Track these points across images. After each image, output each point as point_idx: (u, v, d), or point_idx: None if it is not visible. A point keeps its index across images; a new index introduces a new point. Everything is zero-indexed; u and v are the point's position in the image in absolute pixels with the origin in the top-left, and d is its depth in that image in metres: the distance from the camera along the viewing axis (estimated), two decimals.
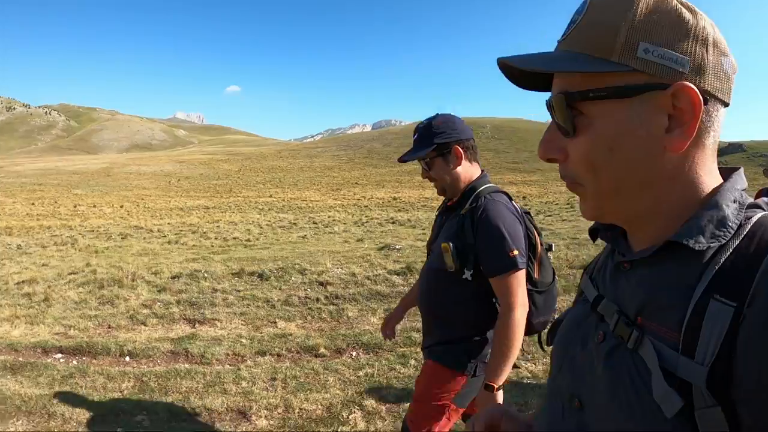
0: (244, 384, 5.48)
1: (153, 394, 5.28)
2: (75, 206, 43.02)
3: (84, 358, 6.27)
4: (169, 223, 26.47)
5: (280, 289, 8.99)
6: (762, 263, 0.75)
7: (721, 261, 0.80)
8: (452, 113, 2.77)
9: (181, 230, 22.40)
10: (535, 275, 2.62)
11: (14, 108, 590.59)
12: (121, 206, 43.22)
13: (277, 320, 7.67)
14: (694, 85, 0.81)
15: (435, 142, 2.63)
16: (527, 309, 2.47)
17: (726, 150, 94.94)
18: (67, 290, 9.14)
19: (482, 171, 2.82)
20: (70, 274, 10.42)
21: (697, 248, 0.82)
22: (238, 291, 8.92)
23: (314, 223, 25.47)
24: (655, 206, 0.90)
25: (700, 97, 0.80)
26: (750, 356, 0.71)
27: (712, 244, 0.82)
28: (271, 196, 56.76)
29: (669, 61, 0.81)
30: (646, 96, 0.82)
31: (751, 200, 0.89)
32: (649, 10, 0.82)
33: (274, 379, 5.62)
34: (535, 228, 2.71)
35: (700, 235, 0.83)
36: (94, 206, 43.26)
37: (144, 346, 6.52)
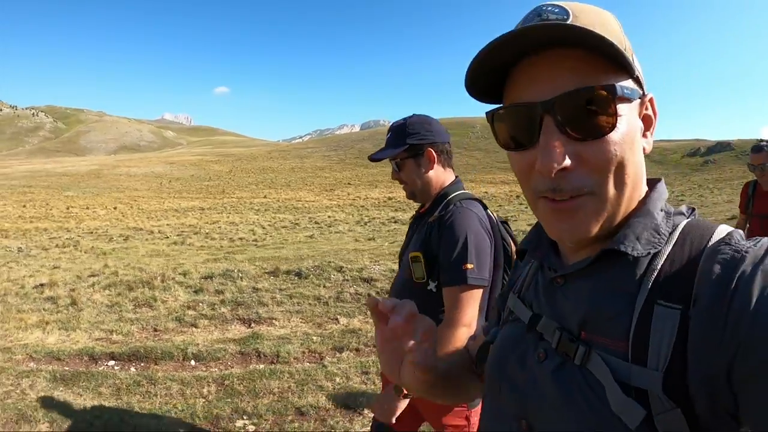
0: (338, 380, 5.39)
1: (243, 397, 5.11)
2: (68, 208, 42.68)
3: (142, 364, 6.01)
4: (167, 225, 26.34)
5: (324, 286, 8.88)
6: (698, 266, 0.80)
7: (658, 267, 0.84)
8: (429, 115, 2.64)
9: (182, 231, 22.27)
10: None
11: (1, 109, 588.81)
12: (115, 208, 42.89)
13: (338, 317, 7.58)
14: None
15: (408, 143, 2.51)
16: (471, 331, 2.21)
17: (714, 149, 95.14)
18: (93, 293, 8.89)
19: (456, 177, 2.67)
20: (91, 276, 10.21)
21: (635, 254, 0.85)
22: (281, 290, 8.79)
23: (316, 223, 25.42)
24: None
25: None
26: (704, 352, 0.73)
27: (650, 251, 0.85)
28: (265, 197, 56.44)
29: (639, 72, 0.88)
30: (637, 101, 0.88)
31: (673, 209, 0.94)
32: (620, 26, 0.89)
33: (367, 373, 5.54)
34: (512, 237, 2.59)
35: (637, 243, 0.86)
36: (87, 208, 42.93)
37: (207, 348, 6.32)
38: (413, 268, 2.37)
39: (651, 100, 0.92)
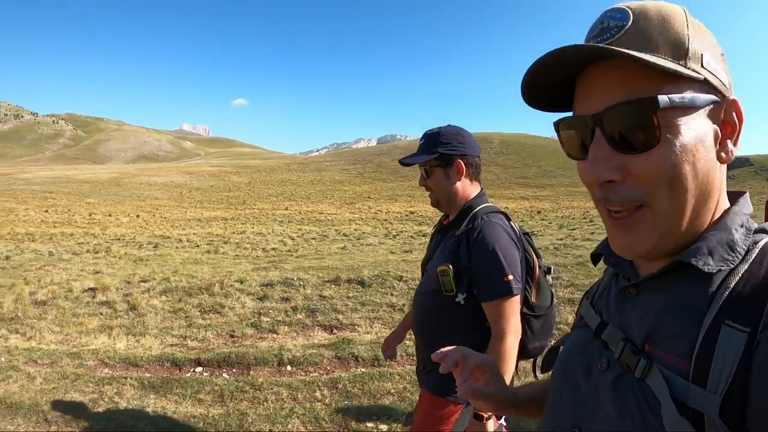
0: None
1: (361, 399, 5.04)
2: (90, 214, 42.87)
3: (234, 371, 5.81)
4: (194, 233, 26.20)
5: (391, 294, 8.80)
6: None
7: (731, 285, 0.78)
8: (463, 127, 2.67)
9: (211, 240, 22.13)
10: (533, 299, 2.51)
11: (22, 116, 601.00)
12: (138, 216, 42.99)
13: None
14: None
15: (439, 151, 2.52)
16: (519, 336, 2.34)
17: (732, 164, 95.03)
18: (150, 299, 8.75)
19: (481, 190, 2.67)
20: (142, 282, 10.16)
21: (706, 270, 0.80)
22: (348, 297, 8.70)
23: (344, 235, 25.15)
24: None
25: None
26: (766, 382, 0.69)
27: (721, 268, 0.80)
28: (286, 209, 56.46)
29: (720, 74, 0.83)
30: (708, 108, 0.82)
31: (756, 225, 0.87)
32: (696, 26, 0.83)
33: None
34: (534, 250, 2.58)
35: (710, 257, 0.81)
36: (110, 215, 43.10)
37: (300, 353, 6.14)
38: (442, 282, 2.37)
39: (733, 104, 0.84)
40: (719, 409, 0.71)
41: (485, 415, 2.11)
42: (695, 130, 0.80)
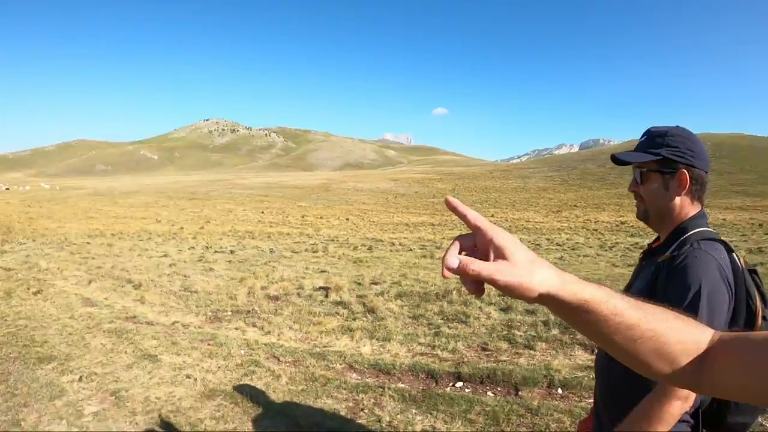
0: None
1: None
2: (302, 216, 44.63)
3: (499, 389, 5.15)
4: (405, 237, 26.12)
5: None
6: None
7: None
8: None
9: (423, 245, 21.76)
10: None
11: (237, 130, 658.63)
12: (347, 219, 44.16)
13: None
14: None
15: (662, 154, 1.97)
16: (686, 406, 1.68)
17: None
18: (385, 302, 8.47)
19: (701, 210, 2.05)
20: (373, 284, 10.10)
21: None
22: None
23: (558, 245, 23.88)
24: None
25: None
26: None
27: None
28: (492, 216, 55.51)
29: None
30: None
31: None
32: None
33: None
34: (761, 292, 1.88)
35: None
36: (321, 217, 44.60)
37: (569, 375, 5.33)
38: None
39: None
40: None
41: None
42: None
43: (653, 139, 2.04)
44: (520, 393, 4.95)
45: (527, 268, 0.81)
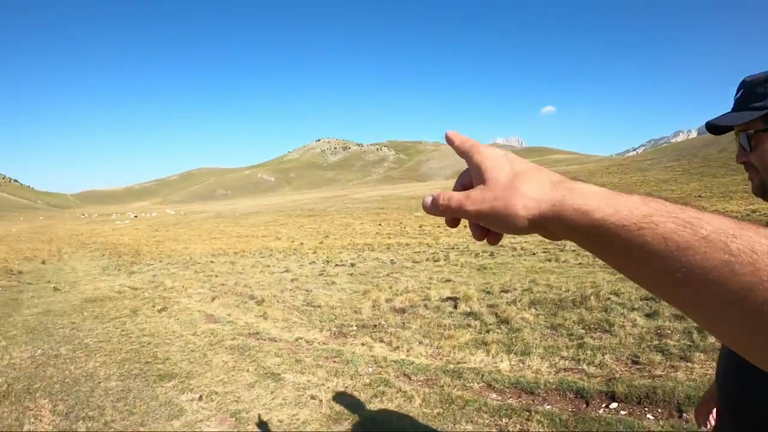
0: None
1: None
2: (420, 226, 44.08)
3: (660, 410, 4.52)
4: (525, 241, 25.08)
5: None
6: None
7: None
8: None
9: (546, 248, 20.72)
10: None
11: (349, 147, 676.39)
12: (465, 226, 42.98)
13: None
14: None
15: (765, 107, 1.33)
16: None
17: None
18: (518, 311, 7.95)
19: None
20: (502, 292, 9.56)
21: None
22: None
23: None
24: None
25: None
26: None
27: None
28: None
29: None
30: None
31: None
32: None
33: None
34: None
35: None
36: (438, 226, 43.93)
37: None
38: None
39: None
40: None
41: None
42: None
43: (753, 89, 1.51)
44: (684, 415, 4.32)
45: (506, 188, 0.61)
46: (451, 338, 6.88)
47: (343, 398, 5.21)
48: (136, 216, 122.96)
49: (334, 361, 6.42)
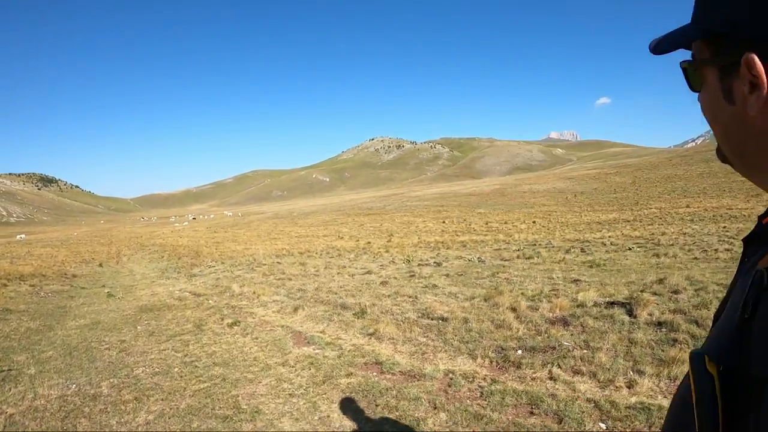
0: None
1: None
2: (486, 223, 42.69)
3: None
4: (610, 236, 23.52)
5: None
6: None
7: None
8: None
9: (637, 243, 19.41)
10: None
11: (403, 146, 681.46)
12: (533, 222, 41.65)
13: None
14: None
15: (704, 25, 0.84)
16: None
17: None
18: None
19: None
20: (672, 293, 8.05)
21: None
22: None
23: None
24: None
25: None
26: None
27: None
28: (687, 206, 50.79)
29: None
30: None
31: None
32: None
33: None
34: None
35: None
36: (505, 222, 42.50)
37: None
38: (695, 388, 0.79)
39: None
40: None
41: None
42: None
43: None
44: None
45: None
46: (676, 362, 5.00)
47: None
48: (194, 218, 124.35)
49: (532, 412, 4.36)
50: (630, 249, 17.22)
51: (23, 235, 70.91)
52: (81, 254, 28.28)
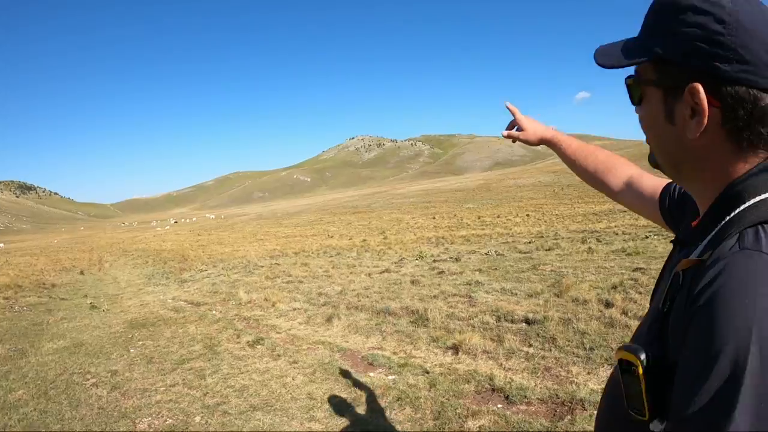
0: None
1: None
2: (478, 217, 42.01)
3: None
4: (615, 226, 22.56)
5: None
6: None
7: None
8: None
9: (648, 234, 18.16)
10: None
11: (383, 144, 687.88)
12: (527, 215, 40.95)
13: None
14: None
15: (655, 49, 0.90)
16: None
17: None
18: None
19: (761, 163, 0.86)
20: None
21: None
22: None
23: None
24: None
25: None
26: None
27: None
28: None
29: None
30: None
31: None
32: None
33: None
34: None
35: None
36: (498, 216, 41.85)
37: None
38: (624, 386, 0.88)
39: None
40: None
41: None
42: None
43: (658, 15, 0.92)
44: None
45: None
46: None
47: None
48: (176, 222, 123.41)
49: None
50: (647, 237, 16.32)
51: (1, 245, 69.31)
52: (61, 262, 27.16)
